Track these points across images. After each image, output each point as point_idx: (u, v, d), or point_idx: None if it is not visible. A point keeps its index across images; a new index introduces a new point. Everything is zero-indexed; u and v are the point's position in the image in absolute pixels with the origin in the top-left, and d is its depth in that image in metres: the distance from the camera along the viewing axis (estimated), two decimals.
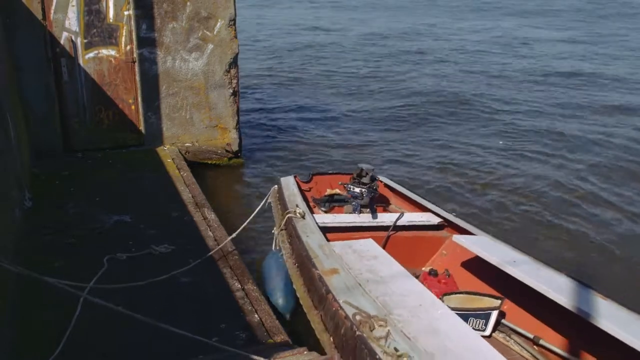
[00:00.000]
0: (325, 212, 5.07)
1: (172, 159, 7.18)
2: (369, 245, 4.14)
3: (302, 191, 5.06)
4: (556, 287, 3.44)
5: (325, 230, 4.43)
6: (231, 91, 7.75)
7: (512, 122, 10.52)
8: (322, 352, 3.45)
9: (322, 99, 12.02)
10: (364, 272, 3.64)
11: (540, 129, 10.03)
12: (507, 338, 3.78)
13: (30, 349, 3.55)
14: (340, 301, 3.21)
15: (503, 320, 3.86)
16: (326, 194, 5.25)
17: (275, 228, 4.70)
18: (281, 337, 3.69)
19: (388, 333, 2.89)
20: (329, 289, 3.33)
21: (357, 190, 4.96)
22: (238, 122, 7.96)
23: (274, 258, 4.77)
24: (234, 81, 7.75)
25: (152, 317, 3.02)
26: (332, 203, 5.15)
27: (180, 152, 7.52)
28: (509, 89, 12.99)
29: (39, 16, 6.70)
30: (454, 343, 2.91)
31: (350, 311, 3.09)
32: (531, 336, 3.69)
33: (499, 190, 7.59)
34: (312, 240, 4.01)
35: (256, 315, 3.93)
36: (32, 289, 4.06)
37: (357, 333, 2.92)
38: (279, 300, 4.46)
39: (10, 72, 6.36)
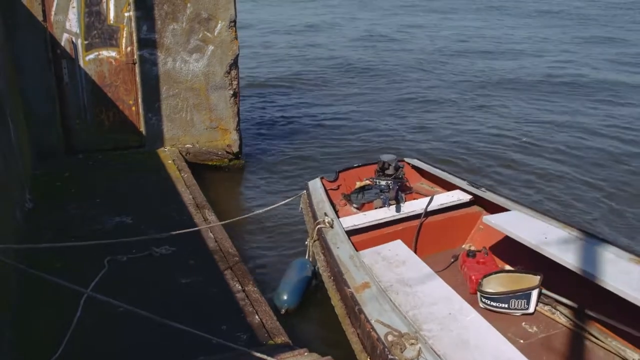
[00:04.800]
0: (358, 208, 5.08)
1: (173, 160, 7.19)
2: (397, 249, 4.16)
3: (329, 194, 5.07)
4: (592, 260, 3.49)
5: (357, 232, 4.47)
6: (232, 92, 7.76)
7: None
8: (322, 353, 3.46)
9: (322, 98, 12.04)
10: (394, 283, 3.70)
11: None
12: (553, 310, 3.82)
13: (32, 349, 3.56)
14: (372, 321, 3.27)
15: (546, 292, 3.88)
16: (356, 187, 5.25)
17: (308, 239, 4.77)
18: (282, 338, 3.70)
19: (419, 352, 2.95)
20: (362, 309, 3.40)
21: (383, 183, 4.97)
22: (239, 124, 7.97)
23: (301, 262, 4.93)
24: (235, 82, 7.75)
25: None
26: (363, 195, 5.15)
27: (180, 153, 7.52)
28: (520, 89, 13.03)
29: (40, 17, 6.70)
30: (484, 356, 2.95)
31: (382, 331, 3.15)
32: (575, 306, 3.72)
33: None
34: (342, 252, 4.05)
35: (257, 317, 3.93)
36: (34, 289, 4.07)
37: (390, 357, 2.98)
38: (284, 295, 4.66)
39: (11, 74, 6.37)
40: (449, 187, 5.14)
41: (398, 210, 4.75)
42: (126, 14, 7.05)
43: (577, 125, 10.20)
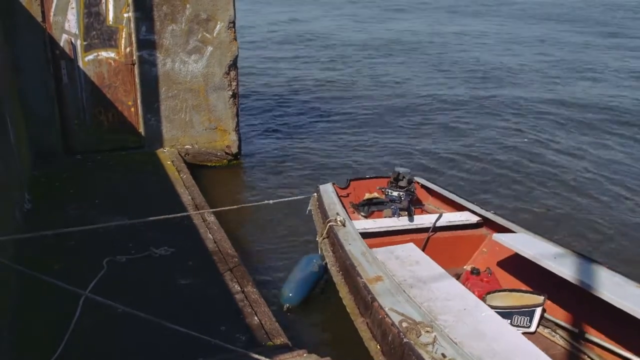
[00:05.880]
0: (365, 217, 5.15)
1: (172, 161, 7.19)
2: (410, 250, 4.20)
3: (340, 198, 5.13)
4: (598, 281, 3.49)
5: (366, 236, 4.50)
6: (231, 93, 7.76)
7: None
8: (321, 353, 3.47)
9: (321, 100, 12.03)
10: (408, 278, 3.71)
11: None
12: (553, 333, 3.83)
13: (31, 350, 3.56)
14: (386, 308, 3.25)
15: (547, 315, 3.90)
16: (365, 198, 5.33)
17: (317, 236, 4.81)
18: (281, 339, 3.70)
19: (435, 339, 2.94)
20: (375, 297, 3.38)
21: (395, 194, 5.10)
22: (238, 124, 7.98)
23: (310, 258, 4.97)
24: (234, 83, 7.76)
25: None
26: (371, 207, 5.24)
27: (179, 154, 7.53)
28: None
29: (39, 18, 6.70)
30: (500, 346, 2.96)
31: (396, 318, 3.14)
32: (576, 330, 3.73)
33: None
34: (354, 248, 4.07)
35: (256, 318, 3.94)
36: (33, 291, 4.07)
37: (405, 340, 2.96)
38: (289, 292, 4.72)
39: (10, 74, 6.37)
40: (457, 208, 5.19)
41: (410, 221, 4.85)
42: (125, 15, 7.05)
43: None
